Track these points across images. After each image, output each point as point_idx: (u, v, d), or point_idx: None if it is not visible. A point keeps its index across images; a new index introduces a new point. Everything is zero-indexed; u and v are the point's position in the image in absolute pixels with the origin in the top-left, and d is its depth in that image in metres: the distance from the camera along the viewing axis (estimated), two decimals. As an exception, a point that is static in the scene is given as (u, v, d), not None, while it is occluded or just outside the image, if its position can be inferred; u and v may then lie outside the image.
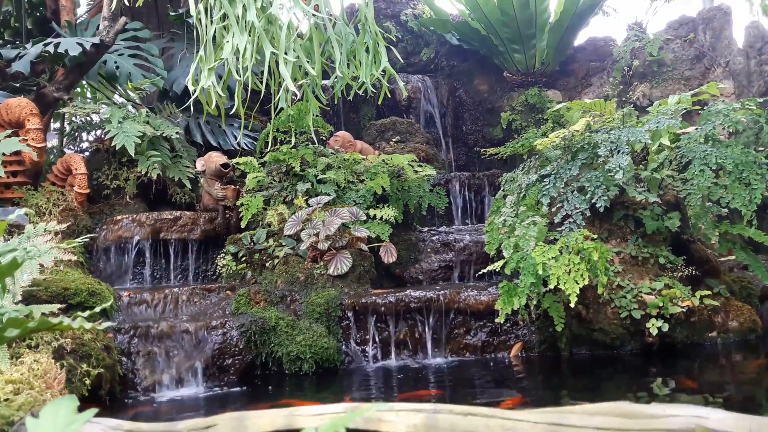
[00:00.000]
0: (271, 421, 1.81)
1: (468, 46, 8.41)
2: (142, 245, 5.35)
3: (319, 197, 5.08)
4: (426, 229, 6.06)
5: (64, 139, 6.79)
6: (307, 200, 5.18)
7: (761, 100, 5.43)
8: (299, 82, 4.41)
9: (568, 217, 4.28)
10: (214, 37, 3.72)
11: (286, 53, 3.65)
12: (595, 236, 4.19)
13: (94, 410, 1.49)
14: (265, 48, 3.64)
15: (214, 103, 3.92)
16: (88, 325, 2.02)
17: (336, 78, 4.33)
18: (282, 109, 3.96)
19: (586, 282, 3.73)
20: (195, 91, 3.74)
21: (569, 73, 8.35)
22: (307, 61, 4.01)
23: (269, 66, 3.77)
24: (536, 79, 8.15)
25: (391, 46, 4.78)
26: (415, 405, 1.76)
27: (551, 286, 3.82)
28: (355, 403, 1.96)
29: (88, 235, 4.37)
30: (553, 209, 4.43)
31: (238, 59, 3.59)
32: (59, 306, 2.93)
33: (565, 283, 3.74)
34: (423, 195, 5.86)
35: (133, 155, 5.39)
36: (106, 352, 3.39)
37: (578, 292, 3.70)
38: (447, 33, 8.48)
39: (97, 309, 2.41)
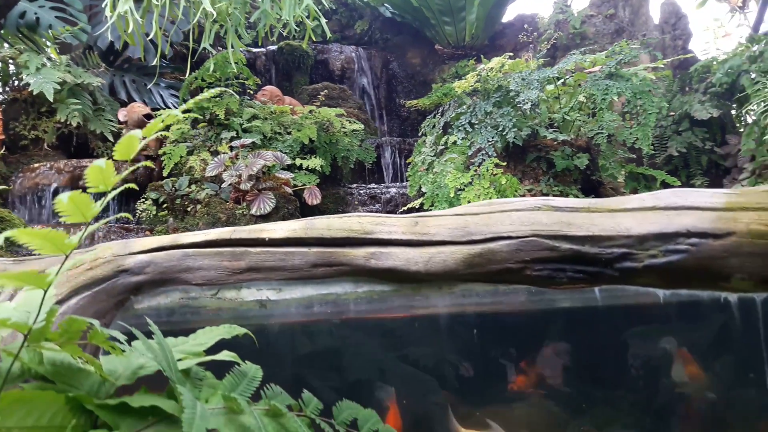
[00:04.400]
0: (158, 240, 1.83)
1: (401, 18, 8.56)
2: (59, 191, 5.22)
3: (242, 139, 5.07)
4: (355, 185, 6.12)
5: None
6: (231, 147, 5.16)
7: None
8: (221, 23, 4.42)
9: (481, 150, 4.41)
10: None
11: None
12: (505, 165, 4.33)
13: None
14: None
15: (131, 28, 3.88)
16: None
17: (260, 14, 4.35)
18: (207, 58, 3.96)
19: (495, 202, 3.86)
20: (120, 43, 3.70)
21: (498, 47, 8.58)
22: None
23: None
24: (467, 52, 8.35)
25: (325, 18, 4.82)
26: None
27: (462, 208, 3.93)
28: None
29: (2, 187, 4.26)
30: (468, 144, 4.56)
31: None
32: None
33: (474, 203, 3.86)
34: (351, 149, 5.92)
35: (51, 101, 5.26)
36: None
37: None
38: (380, 5, 8.60)
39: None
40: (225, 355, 1.41)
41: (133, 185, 1.40)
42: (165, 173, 5.26)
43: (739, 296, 1.60)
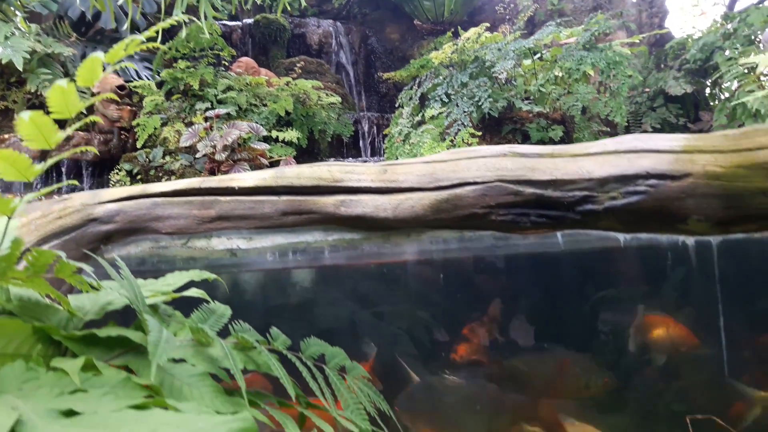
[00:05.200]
0: (127, 190, 1.83)
1: (379, -7, 8.51)
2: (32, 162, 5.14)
3: (217, 109, 5.04)
4: (332, 159, 6.11)
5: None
6: (205, 118, 5.12)
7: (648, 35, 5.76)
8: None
9: (457, 121, 4.44)
10: None
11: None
12: (480, 136, 4.37)
13: None
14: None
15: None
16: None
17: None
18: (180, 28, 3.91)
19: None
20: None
21: (477, 23, 8.52)
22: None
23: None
24: (445, 28, 8.33)
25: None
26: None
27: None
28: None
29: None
30: (445, 115, 4.58)
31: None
32: None
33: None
34: (329, 122, 5.91)
35: (21, 71, 5.16)
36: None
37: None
38: (358, -20, 8.54)
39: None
40: (194, 292, 1.42)
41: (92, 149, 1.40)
42: (139, 144, 5.22)
43: (696, 239, 1.66)
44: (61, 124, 1.03)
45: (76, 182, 4.97)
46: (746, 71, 5.75)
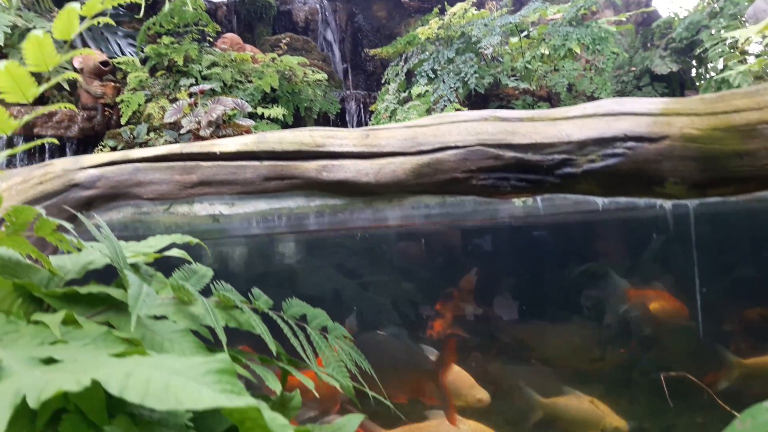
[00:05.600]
0: (109, 156, 1.82)
1: (366, -30, 8.42)
2: (14, 141, 5.09)
3: (201, 85, 4.99)
4: (318, 136, 6.09)
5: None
6: (190, 94, 5.08)
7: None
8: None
9: (443, 97, 4.43)
10: None
11: None
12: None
13: None
14: None
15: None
16: None
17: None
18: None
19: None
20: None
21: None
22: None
23: None
24: (432, 5, 8.27)
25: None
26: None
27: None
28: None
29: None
30: (432, 90, 4.58)
31: None
32: None
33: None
34: (315, 99, 5.88)
35: (2, 46, 5.08)
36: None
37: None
38: (345, -43, 8.44)
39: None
40: (176, 253, 1.43)
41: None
42: (123, 121, 5.17)
43: (673, 203, 1.68)
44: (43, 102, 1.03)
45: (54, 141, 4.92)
46: (731, 50, 5.78)
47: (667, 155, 1.51)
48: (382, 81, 5.16)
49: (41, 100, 5.73)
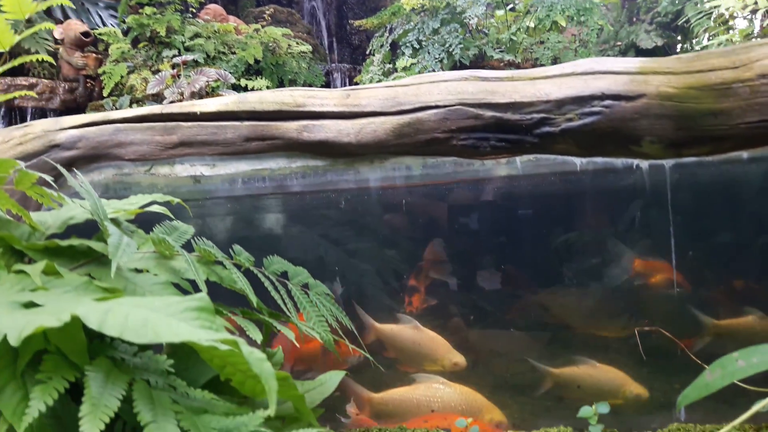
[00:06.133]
0: (89, 117, 1.81)
1: (351, -59, 8.31)
2: (-5, 112, 5.02)
3: (184, 56, 4.94)
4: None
5: None
6: (173, 65, 5.02)
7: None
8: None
9: (428, 68, 4.42)
10: None
11: None
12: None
13: None
14: None
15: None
16: None
17: None
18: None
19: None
20: None
21: (450, -26, 8.47)
22: None
23: None
24: (418, -22, 8.21)
25: None
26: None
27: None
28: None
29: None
30: (416, 63, 4.57)
31: None
32: None
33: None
34: (299, 71, 5.83)
35: (-22, 15, 4.98)
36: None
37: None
38: (330, -72, 8.31)
39: None
40: (156, 208, 1.44)
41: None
42: (105, 93, 5.11)
43: (650, 163, 1.71)
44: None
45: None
46: (716, 25, 5.80)
47: (643, 113, 1.53)
48: (367, 52, 5.13)
49: (21, 71, 5.64)
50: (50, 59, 1.93)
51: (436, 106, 1.65)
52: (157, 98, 4.86)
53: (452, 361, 2.33)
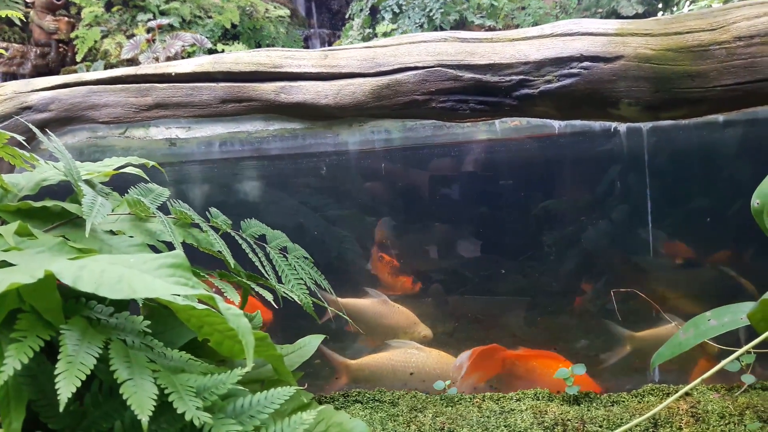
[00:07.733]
0: (62, 78, 1.77)
1: None
2: (-38, 77, 4.88)
3: (159, 20, 4.83)
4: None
5: None
6: (147, 30, 4.91)
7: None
8: None
9: (407, 33, 4.37)
10: None
11: None
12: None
13: None
14: None
15: None
16: None
17: None
18: None
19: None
20: None
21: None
22: None
23: None
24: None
25: None
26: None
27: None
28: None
29: None
30: (396, 29, 4.51)
31: None
32: None
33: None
34: (277, 36, 5.74)
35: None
36: None
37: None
38: None
39: None
40: (131, 170, 1.42)
41: None
42: (78, 58, 4.99)
43: (627, 126, 1.72)
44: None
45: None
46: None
47: (621, 75, 1.54)
48: (346, 17, 5.06)
49: (-10, 36, 5.47)
50: (20, 16, 1.87)
51: (415, 68, 1.63)
52: (132, 63, 4.75)
53: (421, 333, 2.37)
